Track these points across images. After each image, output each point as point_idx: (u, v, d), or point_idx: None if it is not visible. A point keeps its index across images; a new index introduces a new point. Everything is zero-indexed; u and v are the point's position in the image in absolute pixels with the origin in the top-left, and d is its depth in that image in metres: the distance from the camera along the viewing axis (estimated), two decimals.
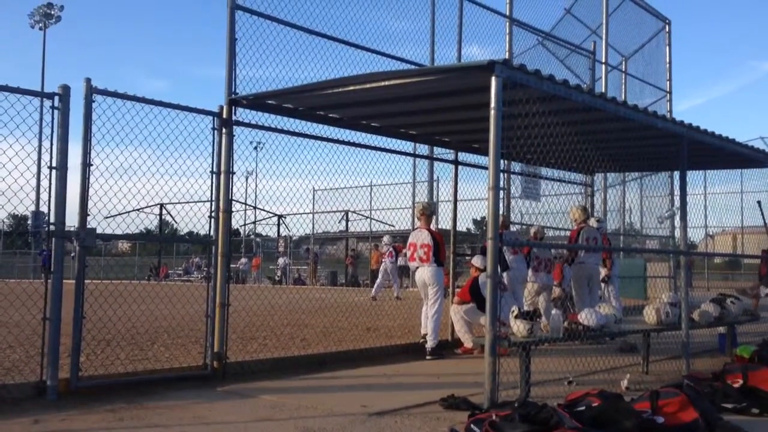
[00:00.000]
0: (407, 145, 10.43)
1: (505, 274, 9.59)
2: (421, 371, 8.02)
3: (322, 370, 7.84)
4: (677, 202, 8.80)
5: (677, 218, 9.00)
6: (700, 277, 26.50)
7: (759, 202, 13.06)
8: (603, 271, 10.92)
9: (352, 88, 6.88)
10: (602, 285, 11.36)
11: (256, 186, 56.28)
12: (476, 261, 9.31)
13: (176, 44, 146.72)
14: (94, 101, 6.32)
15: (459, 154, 10.48)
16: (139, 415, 5.54)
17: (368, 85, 6.75)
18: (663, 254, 17.56)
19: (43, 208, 6.10)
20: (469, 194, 11.32)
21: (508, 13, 13.52)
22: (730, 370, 6.44)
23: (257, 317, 10.80)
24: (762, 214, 13.09)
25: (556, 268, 10.90)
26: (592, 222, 11.34)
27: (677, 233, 8.65)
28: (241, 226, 45.63)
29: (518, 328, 6.36)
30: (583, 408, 5.02)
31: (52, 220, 6.05)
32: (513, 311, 6.55)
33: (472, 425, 4.64)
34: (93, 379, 6.44)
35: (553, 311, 6.91)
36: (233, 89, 7.50)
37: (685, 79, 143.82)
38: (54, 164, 6.03)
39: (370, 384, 7.27)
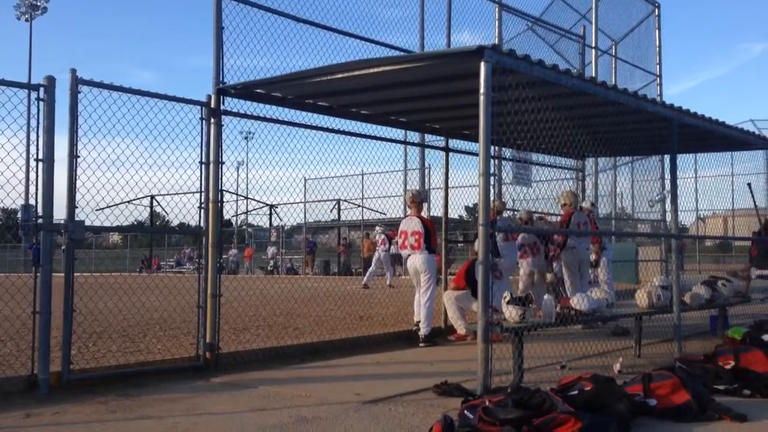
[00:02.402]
0: (398, 133, 10.41)
1: (499, 261, 9.58)
2: (415, 358, 8.02)
3: (316, 359, 7.83)
4: (668, 186, 8.81)
5: (668, 202, 9.01)
6: (691, 260, 26.61)
7: (749, 185, 13.11)
8: (594, 255, 10.95)
9: (340, 75, 6.83)
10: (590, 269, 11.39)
11: (247, 176, 56.23)
12: (476, 245, 9.34)
13: (163, 35, 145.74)
14: (80, 92, 6.26)
15: (450, 140, 10.45)
16: (132, 406, 5.53)
17: (357, 73, 6.70)
18: (654, 238, 17.62)
19: (33, 201, 6.04)
20: (460, 181, 11.33)
21: None
22: (721, 352, 6.46)
23: (249, 307, 10.78)
24: (752, 196, 13.14)
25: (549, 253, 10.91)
26: (586, 204, 11.36)
27: (668, 217, 8.66)
28: (232, 216, 45.56)
29: (510, 313, 6.37)
30: (575, 392, 5.02)
31: (40, 212, 6.00)
32: (505, 297, 6.55)
33: (465, 411, 4.64)
34: (85, 371, 6.42)
35: (545, 296, 6.92)
36: (221, 78, 7.44)
37: (676, 63, 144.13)
38: (41, 156, 5.98)
39: (364, 372, 7.27)
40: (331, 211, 34.29)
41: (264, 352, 7.88)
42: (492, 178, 5.86)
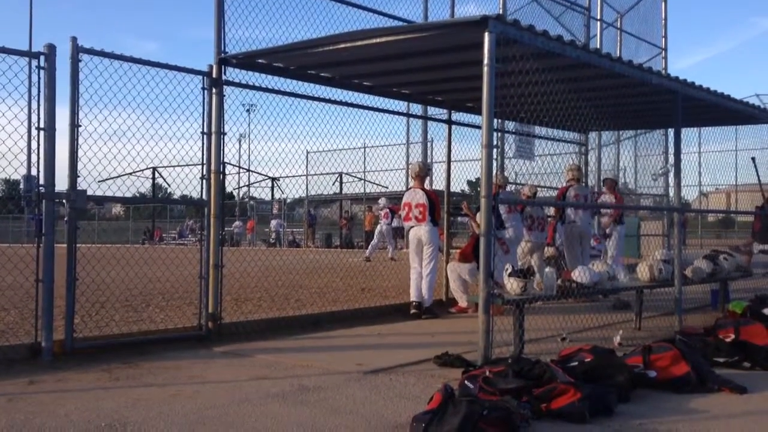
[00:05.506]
0: (400, 105, 10.35)
1: (505, 234, 9.56)
2: (416, 330, 8.06)
3: (317, 330, 7.88)
4: (671, 160, 8.78)
5: (671, 176, 8.98)
6: (693, 235, 26.62)
7: (753, 159, 13.01)
8: (606, 220, 11.08)
9: (343, 45, 6.77)
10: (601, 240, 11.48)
11: (249, 149, 56.06)
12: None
13: (166, 4, 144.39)
14: (80, 61, 6.21)
15: (453, 113, 10.40)
16: (135, 374, 5.57)
17: (360, 43, 6.65)
18: (657, 212, 17.60)
19: (34, 171, 6.03)
20: (463, 155, 11.31)
21: None
22: (722, 325, 6.49)
23: (251, 279, 10.80)
24: (756, 170, 13.06)
25: (549, 227, 10.93)
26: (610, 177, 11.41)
27: (671, 191, 8.63)
28: (234, 189, 45.58)
29: (512, 285, 6.38)
30: (575, 363, 5.06)
31: (41, 182, 5.99)
32: (506, 269, 6.55)
33: (466, 381, 4.68)
34: (88, 340, 6.46)
35: (547, 269, 6.92)
36: (223, 48, 7.38)
37: (684, 37, 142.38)
38: (42, 125, 5.96)
39: (365, 343, 7.31)
40: (333, 185, 34.26)
41: (266, 322, 7.92)
42: (494, 150, 5.83)
